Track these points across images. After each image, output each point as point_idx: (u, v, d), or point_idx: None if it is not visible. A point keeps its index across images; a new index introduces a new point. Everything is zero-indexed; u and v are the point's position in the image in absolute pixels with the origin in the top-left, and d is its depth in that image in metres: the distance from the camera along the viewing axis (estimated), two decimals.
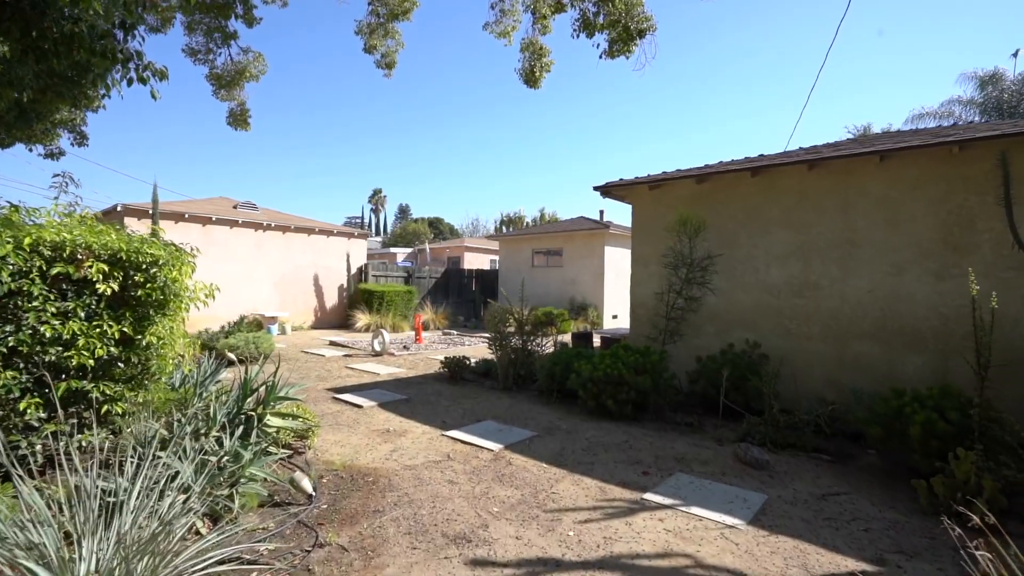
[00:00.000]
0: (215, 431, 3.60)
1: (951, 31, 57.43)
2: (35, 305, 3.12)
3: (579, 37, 7.03)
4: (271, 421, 4.11)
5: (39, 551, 1.94)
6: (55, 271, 3.19)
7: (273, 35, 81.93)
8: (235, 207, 15.64)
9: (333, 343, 12.36)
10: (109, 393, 3.44)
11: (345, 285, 16.74)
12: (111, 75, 4.08)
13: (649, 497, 3.75)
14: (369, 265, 17.11)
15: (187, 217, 13.32)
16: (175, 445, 3.22)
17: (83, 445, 3.30)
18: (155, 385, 3.86)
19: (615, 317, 17.36)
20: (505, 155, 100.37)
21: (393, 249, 36.51)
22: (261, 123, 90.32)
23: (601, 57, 7.09)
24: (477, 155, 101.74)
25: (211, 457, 3.35)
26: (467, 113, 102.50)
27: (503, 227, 47.40)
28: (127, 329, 3.46)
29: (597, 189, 7.85)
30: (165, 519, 2.27)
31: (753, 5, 72.38)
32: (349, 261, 16.80)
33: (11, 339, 3.03)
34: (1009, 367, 4.41)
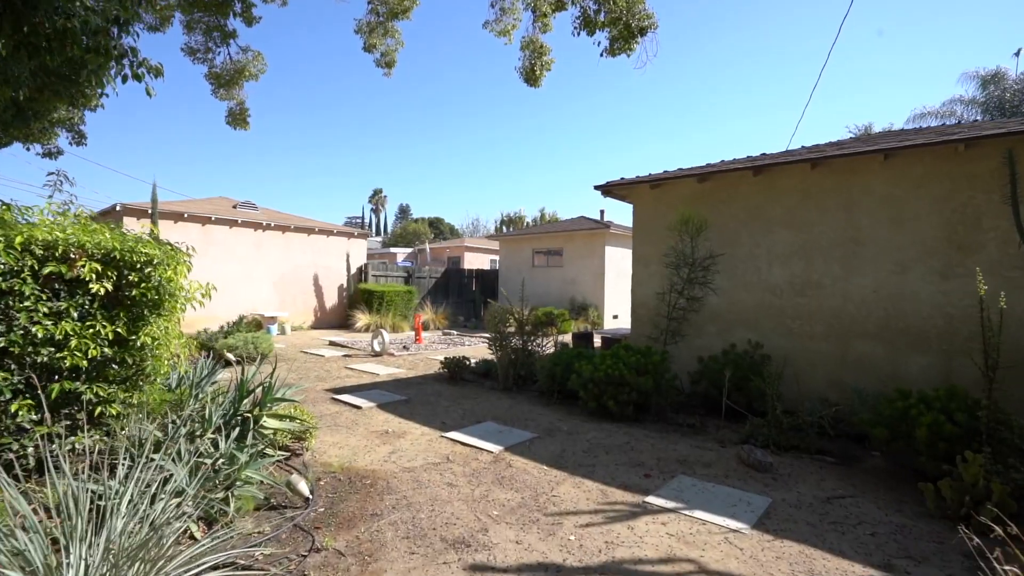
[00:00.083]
0: (210, 433, 3.55)
1: (951, 31, 57.42)
2: (27, 305, 3.07)
3: (580, 35, 6.98)
4: (268, 423, 4.06)
5: (24, 558, 1.88)
6: (47, 270, 3.14)
7: (272, 34, 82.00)
8: (235, 207, 15.59)
9: (332, 343, 12.31)
10: (103, 395, 3.38)
11: (345, 285, 16.69)
12: (106, 72, 4.02)
13: (651, 500, 3.69)
14: (369, 265, 17.05)
15: (186, 217, 13.28)
16: (169, 447, 3.17)
17: (76, 448, 3.25)
18: (150, 386, 3.80)
19: (616, 317, 17.30)
20: (505, 155, 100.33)
21: (393, 249, 36.45)
22: (261, 123, 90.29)
23: (602, 55, 7.04)
24: (477, 155, 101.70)
25: (206, 459, 3.30)
26: (467, 113, 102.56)
27: (503, 227, 47.35)
28: (121, 329, 3.40)
29: (598, 188, 7.80)
30: (157, 524, 2.22)
31: (753, 5, 72.40)
32: (349, 261, 16.75)
33: (2, 340, 2.98)
34: (1016, 368, 4.35)
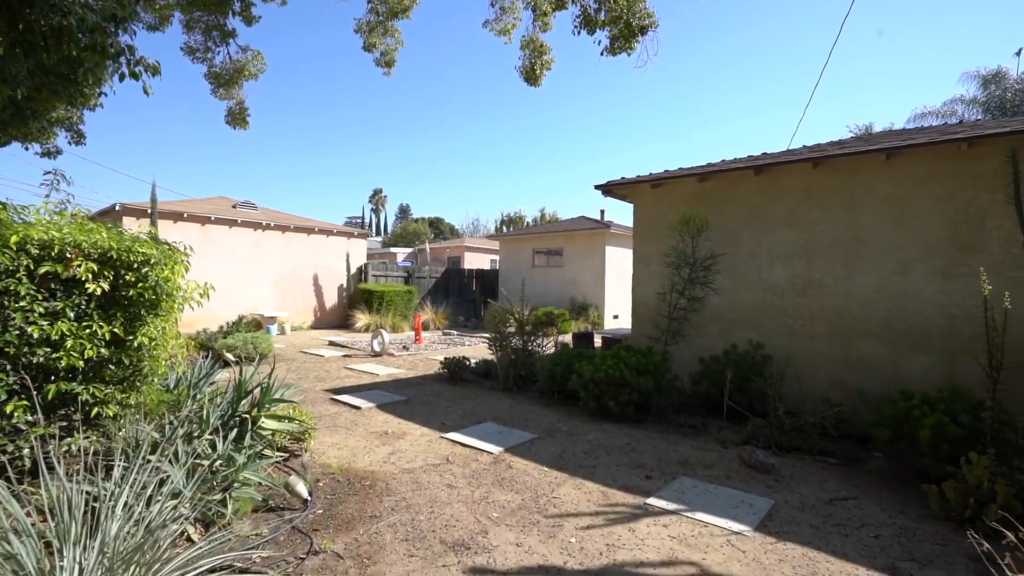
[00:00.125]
0: (208, 434, 3.52)
1: (952, 31, 57.34)
2: (22, 305, 3.03)
3: (580, 34, 6.95)
4: (266, 424, 4.03)
5: (17, 562, 1.86)
6: (43, 270, 3.10)
7: (272, 34, 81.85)
8: (234, 207, 15.56)
9: (332, 343, 12.28)
10: (99, 395, 3.35)
11: (345, 285, 16.66)
12: (104, 70, 3.99)
13: (652, 502, 3.66)
14: (369, 265, 17.02)
15: (186, 217, 13.26)
16: (166, 449, 3.14)
17: (72, 449, 3.22)
18: (147, 387, 3.77)
19: (616, 317, 17.27)
20: (505, 155, 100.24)
21: (393, 249, 36.42)
22: (261, 123, 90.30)
23: (602, 54, 7.01)
24: (477, 155, 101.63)
25: (203, 461, 3.28)
26: (467, 113, 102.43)
27: (503, 227, 47.31)
28: (118, 330, 3.37)
29: (599, 188, 7.77)
30: (153, 526, 2.19)
31: (753, 5, 72.34)
32: (349, 261, 16.72)
33: None
34: (1020, 369, 4.31)
